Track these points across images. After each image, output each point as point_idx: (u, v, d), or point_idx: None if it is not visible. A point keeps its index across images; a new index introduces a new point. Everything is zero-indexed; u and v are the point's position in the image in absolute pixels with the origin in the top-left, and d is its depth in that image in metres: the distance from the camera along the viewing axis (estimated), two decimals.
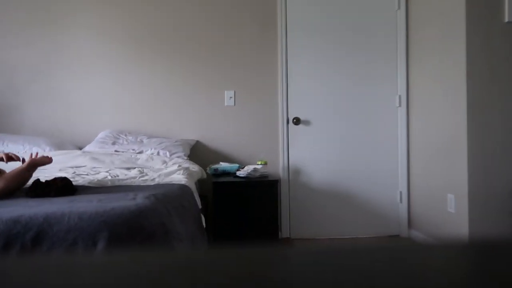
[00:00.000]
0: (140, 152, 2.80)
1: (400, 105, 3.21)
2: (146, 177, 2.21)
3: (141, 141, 2.97)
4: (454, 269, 0.27)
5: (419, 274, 0.26)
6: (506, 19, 2.43)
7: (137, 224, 1.31)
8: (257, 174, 2.75)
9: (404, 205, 3.21)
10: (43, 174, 2.04)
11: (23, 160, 1.80)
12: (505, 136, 2.45)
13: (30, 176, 1.78)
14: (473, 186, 2.43)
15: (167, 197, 1.65)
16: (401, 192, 3.22)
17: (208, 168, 2.93)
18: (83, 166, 2.51)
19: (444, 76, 2.68)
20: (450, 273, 0.26)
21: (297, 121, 3.16)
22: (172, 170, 2.37)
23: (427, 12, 2.90)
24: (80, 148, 2.94)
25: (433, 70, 2.82)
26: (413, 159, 3.14)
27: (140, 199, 1.49)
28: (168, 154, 2.78)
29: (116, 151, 2.80)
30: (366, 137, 3.21)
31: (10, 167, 1.83)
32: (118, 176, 2.24)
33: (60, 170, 2.37)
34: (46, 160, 1.83)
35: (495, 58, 2.45)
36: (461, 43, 2.48)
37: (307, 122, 3.19)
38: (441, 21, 2.71)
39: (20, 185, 1.74)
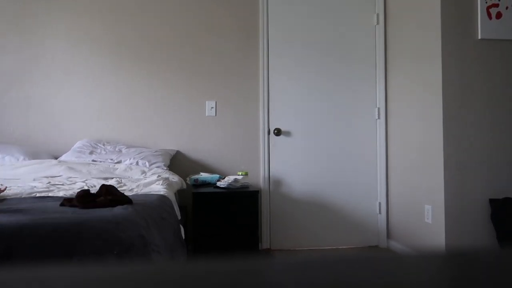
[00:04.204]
0: (119, 162, 2.75)
1: (379, 118, 3.27)
2: (124, 188, 2.17)
3: (120, 151, 2.92)
4: (431, 279, 0.27)
5: (398, 284, 0.26)
6: (479, 36, 2.52)
7: (114, 236, 1.27)
8: (238, 185, 2.73)
9: (383, 216, 3.25)
10: (15, 184, 1.97)
11: None
12: (480, 149, 2.52)
13: None
14: (449, 197, 2.48)
15: (146, 208, 1.61)
16: (380, 203, 3.25)
17: (188, 179, 2.90)
18: (59, 176, 2.45)
19: (421, 90, 2.74)
20: (428, 282, 0.26)
21: (278, 132, 3.18)
22: (151, 180, 2.33)
23: (405, 27, 2.98)
24: (56, 158, 2.86)
25: (411, 84, 2.89)
26: (392, 170, 3.19)
27: (117, 210, 1.46)
28: (147, 164, 2.74)
29: (93, 160, 2.74)
30: (346, 148, 3.25)
31: None
32: (95, 186, 2.19)
33: (34, 179, 2.30)
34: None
35: (469, 73, 2.53)
36: (437, 59, 2.55)
37: (288, 133, 3.21)
38: (418, 37, 2.78)
39: None
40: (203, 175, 2.93)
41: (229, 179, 2.78)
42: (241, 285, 0.26)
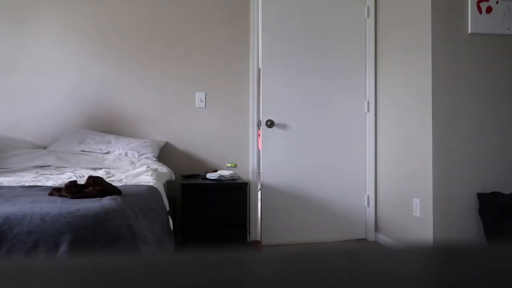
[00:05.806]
0: (108, 152, 2.73)
1: (368, 111, 3.28)
2: (113, 178, 2.15)
3: (109, 141, 2.89)
4: (418, 272, 0.27)
5: (385, 277, 0.26)
6: (469, 31, 2.54)
7: (103, 226, 1.27)
8: (227, 177, 2.74)
9: (371, 209, 3.28)
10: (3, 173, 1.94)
11: None
12: (468, 143, 2.55)
13: None
14: (438, 191, 2.52)
15: (135, 198, 1.61)
16: (368, 197, 3.28)
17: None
18: (48, 166, 2.42)
19: (411, 84, 2.76)
20: (415, 276, 0.26)
21: (271, 123, 3.17)
22: (140, 171, 2.32)
23: (395, 21, 2.98)
24: (45, 147, 2.83)
25: (401, 77, 2.90)
26: (380, 164, 3.22)
27: (106, 201, 1.45)
28: (136, 154, 2.73)
29: (82, 150, 2.72)
30: (335, 141, 3.26)
31: None
32: (83, 176, 2.17)
33: (22, 169, 2.27)
34: None
35: (459, 67, 2.56)
36: (427, 52, 2.56)
37: (279, 125, 3.21)
38: (408, 31, 2.79)
39: None
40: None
41: (220, 172, 2.77)
42: (228, 278, 0.26)
